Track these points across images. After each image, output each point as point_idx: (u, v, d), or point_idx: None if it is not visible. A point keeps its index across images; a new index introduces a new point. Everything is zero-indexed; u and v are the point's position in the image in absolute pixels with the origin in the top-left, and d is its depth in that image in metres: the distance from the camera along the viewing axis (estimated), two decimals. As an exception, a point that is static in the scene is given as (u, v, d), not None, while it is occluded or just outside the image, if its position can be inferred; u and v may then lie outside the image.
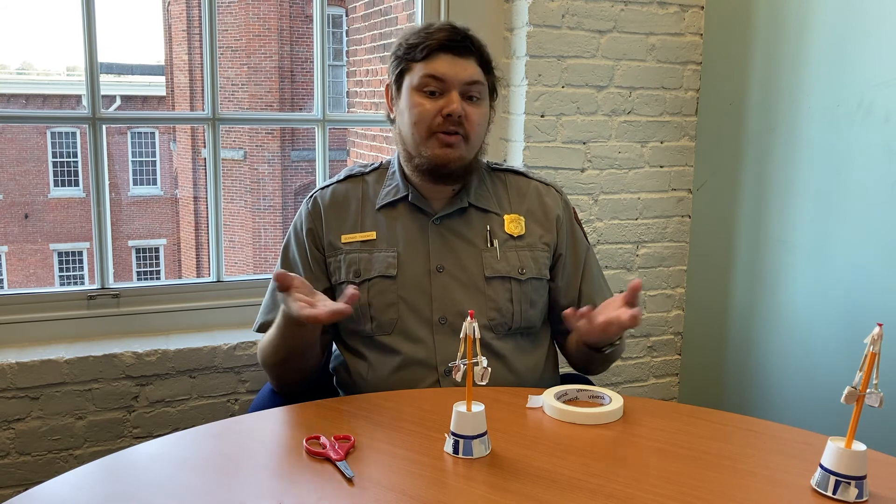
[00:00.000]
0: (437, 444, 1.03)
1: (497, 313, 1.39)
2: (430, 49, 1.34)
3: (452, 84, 1.33)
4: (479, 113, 1.37)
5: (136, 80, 16.74)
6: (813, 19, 1.81)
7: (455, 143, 1.35)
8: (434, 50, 1.34)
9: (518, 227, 1.43)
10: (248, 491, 0.92)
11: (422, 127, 1.35)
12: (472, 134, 1.36)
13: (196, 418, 1.81)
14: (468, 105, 1.35)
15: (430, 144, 1.35)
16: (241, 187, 12.85)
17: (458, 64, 1.34)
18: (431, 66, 1.34)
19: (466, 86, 1.34)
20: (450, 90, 1.33)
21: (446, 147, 1.34)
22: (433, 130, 1.34)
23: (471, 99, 1.35)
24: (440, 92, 1.34)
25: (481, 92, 1.37)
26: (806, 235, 1.85)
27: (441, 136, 1.34)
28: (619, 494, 0.92)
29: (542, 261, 1.43)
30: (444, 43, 1.34)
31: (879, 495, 0.92)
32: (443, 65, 1.33)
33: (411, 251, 1.40)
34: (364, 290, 1.38)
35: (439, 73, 1.33)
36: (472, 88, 1.35)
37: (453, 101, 1.33)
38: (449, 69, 1.33)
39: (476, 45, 1.37)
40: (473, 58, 1.36)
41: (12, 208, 15.04)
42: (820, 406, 1.83)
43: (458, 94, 1.33)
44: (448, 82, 1.33)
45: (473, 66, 1.35)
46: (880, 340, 0.87)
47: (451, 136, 1.34)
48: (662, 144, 2.14)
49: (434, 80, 1.34)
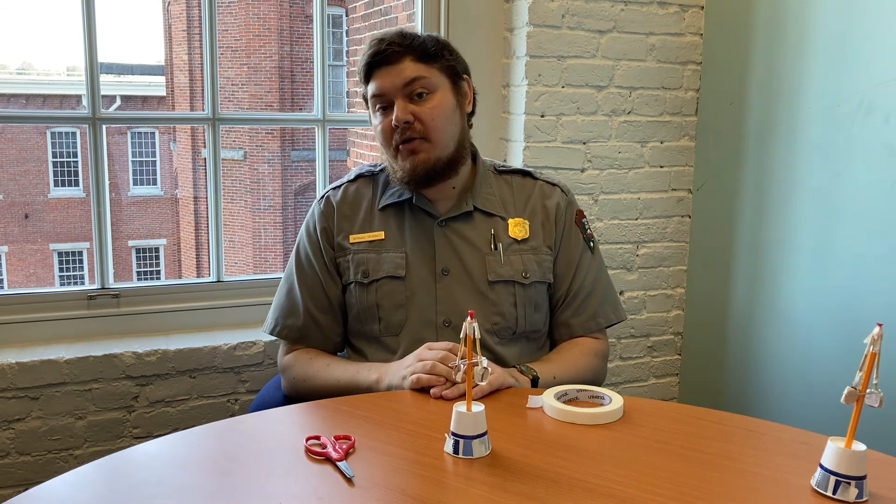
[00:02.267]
0: (437, 444, 1.03)
1: (501, 318, 1.38)
2: (367, 69, 1.36)
3: (392, 94, 1.34)
4: (430, 107, 1.34)
5: (136, 80, 16.74)
6: (813, 19, 1.81)
7: (416, 148, 1.34)
8: (370, 68, 1.35)
9: (522, 230, 1.42)
10: (248, 491, 0.92)
11: (387, 145, 1.37)
12: (430, 130, 1.34)
13: (196, 418, 1.81)
14: (416, 105, 1.34)
15: (399, 158, 1.36)
16: (241, 187, 12.85)
17: (390, 73, 1.34)
18: (373, 86, 1.36)
19: (406, 87, 1.33)
20: (393, 101, 1.34)
21: (412, 154, 1.35)
22: (395, 145, 1.35)
23: (420, 96, 1.34)
24: (388, 105, 1.35)
25: (427, 85, 1.34)
26: (806, 235, 1.85)
27: (403, 148, 1.35)
28: (619, 494, 0.92)
29: (545, 264, 1.43)
30: (373, 59, 1.34)
31: (879, 495, 0.92)
32: (379, 79, 1.35)
33: (418, 253, 1.39)
34: (373, 291, 1.38)
35: (378, 90, 1.35)
36: (414, 86, 1.33)
37: (396, 109, 1.33)
38: (385, 81, 1.34)
39: (406, 43, 1.35)
40: (407, 57, 1.34)
41: (12, 208, 15.04)
42: (820, 406, 1.83)
43: (402, 100, 1.33)
44: (388, 94, 1.34)
45: (409, 66, 1.34)
46: (880, 340, 0.86)
47: (411, 143, 1.34)
48: (662, 144, 2.13)
49: (378, 97, 1.35)
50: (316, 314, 1.42)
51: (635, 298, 2.19)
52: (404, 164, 1.35)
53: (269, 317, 1.47)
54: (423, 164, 1.34)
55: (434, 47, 1.37)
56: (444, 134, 1.36)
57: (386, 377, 1.28)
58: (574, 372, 1.38)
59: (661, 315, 2.24)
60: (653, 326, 2.23)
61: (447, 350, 1.23)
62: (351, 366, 1.36)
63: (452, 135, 1.38)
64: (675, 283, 2.23)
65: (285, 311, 1.44)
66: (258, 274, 8.16)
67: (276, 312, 1.46)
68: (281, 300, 1.46)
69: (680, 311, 2.26)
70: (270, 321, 1.46)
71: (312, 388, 1.37)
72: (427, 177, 1.36)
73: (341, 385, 1.33)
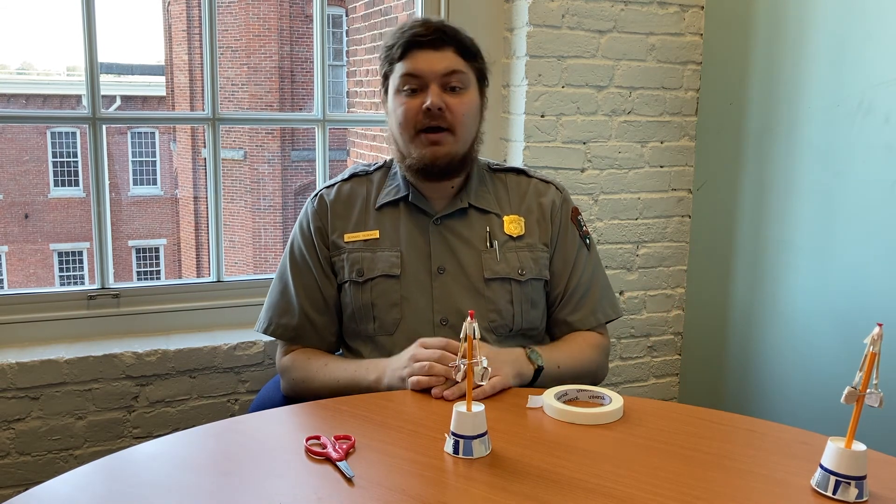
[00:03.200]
0: (437, 444, 1.03)
1: (497, 315, 1.38)
2: (404, 47, 1.33)
3: (429, 78, 1.32)
4: (462, 102, 1.34)
5: (136, 80, 16.75)
6: (813, 19, 1.81)
7: (441, 140, 1.33)
8: (408, 47, 1.33)
9: (518, 227, 1.42)
10: (248, 491, 0.92)
11: (407, 127, 1.34)
12: (458, 125, 1.34)
13: (196, 418, 1.81)
14: (449, 96, 1.33)
15: (417, 144, 1.34)
16: (241, 187, 12.85)
17: (432, 57, 1.32)
18: (407, 65, 1.33)
19: (444, 77, 1.32)
20: (428, 85, 1.32)
21: (433, 145, 1.33)
22: (418, 129, 1.34)
23: (453, 90, 1.33)
24: (420, 89, 1.33)
25: (463, 80, 1.34)
26: (806, 235, 1.85)
27: (426, 136, 1.33)
28: (619, 494, 0.92)
29: (541, 261, 1.43)
30: (416, 39, 1.32)
31: (879, 495, 0.92)
32: (418, 61, 1.32)
33: (413, 251, 1.39)
34: (367, 290, 1.38)
35: (415, 70, 1.32)
36: (452, 78, 1.33)
37: (431, 94, 1.31)
38: (424, 64, 1.32)
39: (451, 34, 1.34)
40: (450, 48, 1.34)
41: (12, 208, 15.03)
42: (820, 406, 1.83)
43: (436, 87, 1.32)
44: (424, 77, 1.32)
45: (451, 56, 1.33)
46: (880, 340, 0.86)
47: (436, 133, 1.33)
48: (662, 144, 2.13)
49: (411, 77, 1.33)
50: (311, 313, 1.42)
51: (635, 298, 2.19)
52: (423, 153, 1.34)
53: (263, 316, 1.46)
54: (445, 157, 1.34)
55: (473, 47, 1.37)
56: (468, 132, 1.37)
57: (385, 377, 1.28)
58: (578, 362, 1.38)
59: (661, 315, 2.24)
60: (653, 326, 2.23)
61: (441, 347, 1.23)
62: (349, 365, 1.36)
63: (471, 135, 1.38)
64: (675, 283, 2.23)
65: (279, 309, 1.43)
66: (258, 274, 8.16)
67: (270, 312, 1.45)
68: (275, 299, 1.45)
69: (680, 311, 2.26)
70: (264, 320, 1.45)
71: (312, 390, 1.36)
72: (443, 170, 1.35)
73: (341, 385, 1.32)
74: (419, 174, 1.37)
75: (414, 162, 1.35)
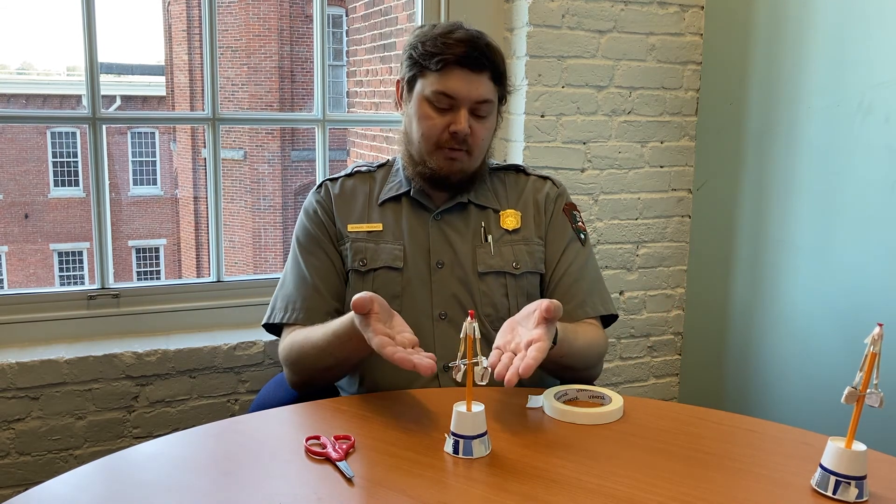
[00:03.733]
0: (437, 444, 1.03)
1: (492, 309, 1.39)
2: (447, 63, 1.33)
3: (463, 102, 1.34)
4: (485, 128, 1.38)
5: (136, 80, 16.74)
6: (813, 19, 1.81)
7: (459, 158, 1.37)
8: (450, 63, 1.33)
9: (514, 220, 1.44)
10: (248, 491, 0.92)
11: (429, 141, 1.37)
12: (476, 148, 1.38)
13: (196, 418, 1.81)
14: (475, 121, 1.36)
15: (436, 157, 1.37)
16: (241, 187, 12.85)
17: (471, 81, 1.34)
18: (444, 83, 1.33)
19: (476, 104, 1.35)
20: (459, 107, 1.34)
21: (450, 160, 1.37)
22: (440, 145, 1.37)
23: (479, 116, 1.36)
24: (450, 108, 1.35)
25: (490, 109, 1.38)
26: (806, 235, 1.85)
27: (445, 152, 1.37)
28: (619, 494, 0.92)
29: (537, 255, 1.44)
30: (460, 58, 1.33)
31: (879, 495, 0.92)
32: (456, 82, 1.33)
33: (415, 246, 1.41)
34: (369, 280, 1.39)
35: (451, 91, 1.33)
36: (482, 107, 1.36)
37: (461, 120, 1.34)
38: (461, 87, 1.33)
39: (491, 58, 1.36)
40: (487, 72, 1.35)
41: (12, 208, 15.03)
42: (820, 406, 1.83)
43: (466, 111, 1.34)
44: (459, 100, 1.34)
45: (486, 83, 1.35)
46: (880, 340, 0.87)
47: (456, 152, 1.37)
48: (662, 144, 2.13)
49: (446, 97, 1.34)
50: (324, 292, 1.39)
51: (635, 298, 2.19)
52: (440, 165, 1.37)
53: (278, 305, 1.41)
54: (459, 173, 1.39)
55: (505, 72, 1.40)
56: (483, 152, 1.42)
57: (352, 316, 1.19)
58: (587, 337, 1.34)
59: (661, 315, 2.24)
60: (653, 326, 2.23)
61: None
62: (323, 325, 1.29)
63: (485, 152, 1.43)
64: (675, 283, 2.23)
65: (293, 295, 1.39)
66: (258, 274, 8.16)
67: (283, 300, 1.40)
68: (287, 289, 1.41)
69: (680, 311, 2.26)
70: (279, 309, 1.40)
71: (308, 367, 1.32)
72: (455, 184, 1.40)
73: (324, 346, 1.26)
74: (429, 182, 1.41)
75: (428, 171, 1.39)
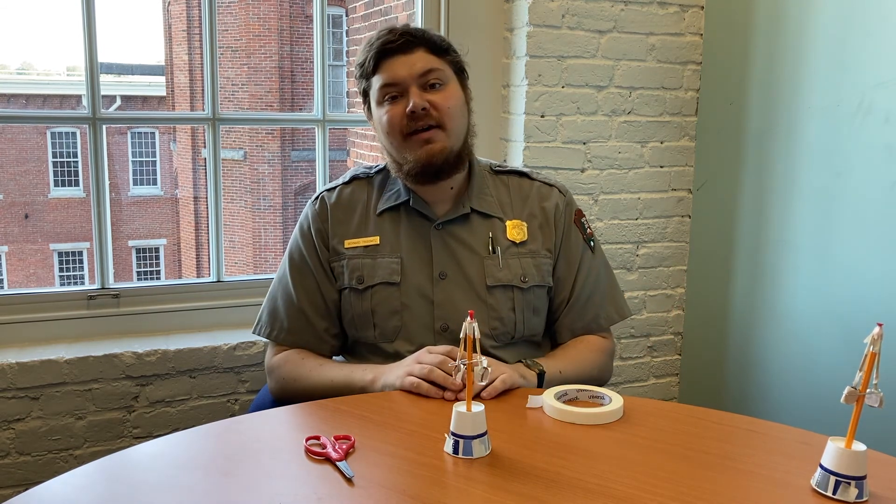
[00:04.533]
0: (437, 444, 1.03)
1: (499, 322, 1.37)
2: (376, 58, 1.34)
3: (407, 82, 1.32)
4: (445, 96, 1.34)
5: (136, 80, 16.74)
6: (813, 19, 1.81)
7: (432, 137, 1.32)
8: (379, 58, 1.33)
9: (521, 233, 1.41)
10: (248, 491, 0.92)
11: (395, 133, 1.34)
12: (446, 119, 1.33)
13: (196, 418, 1.81)
14: (431, 94, 1.33)
15: (411, 147, 1.33)
16: (241, 187, 12.85)
17: (405, 62, 1.33)
18: (383, 75, 1.33)
19: (421, 77, 1.32)
20: (407, 89, 1.32)
21: (426, 144, 1.32)
22: (406, 133, 1.33)
23: (432, 87, 1.33)
24: (400, 95, 1.33)
25: (441, 77, 1.34)
26: (806, 235, 1.85)
27: (416, 137, 1.32)
28: (619, 494, 0.92)
29: (544, 267, 1.41)
30: (385, 48, 1.33)
31: (879, 495, 0.92)
32: (392, 68, 1.33)
33: (414, 257, 1.38)
34: (367, 297, 1.37)
35: (392, 78, 1.33)
36: (430, 77, 1.33)
37: (412, 95, 1.31)
38: (399, 69, 1.32)
39: (418, 35, 1.35)
40: (421, 48, 1.34)
41: (12, 208, 15.03)
42: (820, 406, 1.83)
43: (416, 88, 1.32)
44: (403, 83, 1.32)
45: (423, 56, 1.33)
46: (880, 340, 0.86)
47: (426, 132, 1.32)
48: (662, 144, 2.13)
49: (390, 86, 1.33)
50: (311, 316, 1.40)
51: (635, 298, 2.19)
52: (417, 154, 1.32)
53: (264, 319, 1.44)
54: (441, 154, 1.33)
55: (443, 42, 1.37)
56: (458, 125, 1.36)
57: (381, 377, 1.27)
58: (580, 368, 1.38)
59: (661, 315, 2.24)
60: (653, 326, 2.23)
61: (445, 354, 1.22)
62: (345, 366, 1.35)
63: (462, 128, 1.37)
64: (675, 283, 2.23)
65: (280, 312, 1.42)
66: (258, 274, 8.16)
67: (270, 315, 1.43)
68: (275, 302, 1.43)
69: (680, 311, 2.26)
70: (266, 324, 1.43)
71: (302, 389, 1.34)
72: (440, 168, 1.34)
73: (335, 385, 1.31)
74: (418, 178, 1.35)
75: (411, 166, 1.34)
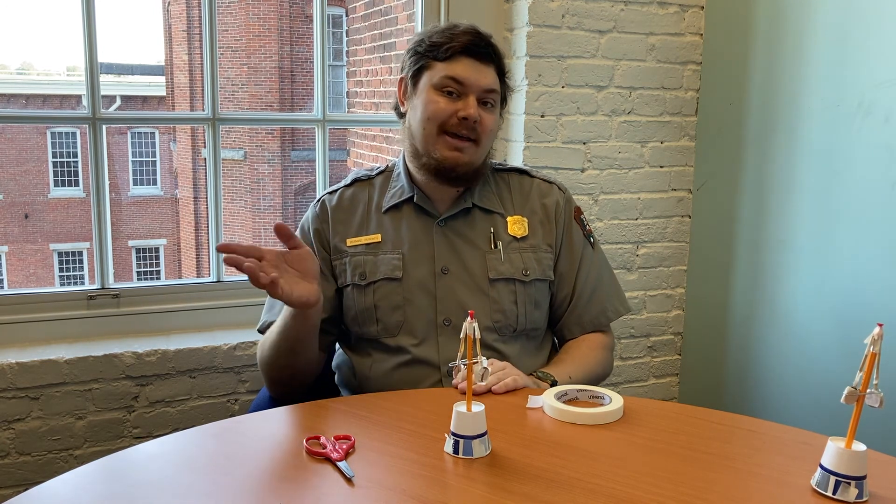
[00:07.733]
0: (437, 444, 1.03)
1: (501, 315, 1.39)
2: (454, 51, 1.35)
3: (472, 88, 1.34)
4: (492, 119, 1.38)
5: (136, 80, 16.74)
6: (813, 19, 1.81)
7: (465, 148, 1.35)
8: (457, 52, 1.35)
9: (521, 228, 1.43)
10: (248, 491, 0.92)
11: (434, 123, 1.35)
12: (484, 138, 1.37)
13: (196, 418, 1.81)
14: (483, 111, 1.36)
15: (440, 145, 1.35)
16: (241, 187, 12.85)
17: (479, 69, 1.35)
18: (453, 68, 1.34)
19: (484, 92, 1.35)
20: (468, 94, 1.34)
21: (455, 151, 1.35)
22: (445, 129, 1.35)
23: (486, 105, 1.36)
24: (458, 94, 1.35)
25: (495, 99, 1.38)
26: (806, 235, 1.85)
27: (451, 140, 1.34)
28: (619, 494, 0.92)
29: (545, 262, 1.43)
30: (468, 46, 1.35)
31: (879, 495, 0.92)
32: (464, 68, 1.34)
33: (416, 253, 1.40)
34: (370, 293, 1.38)
35: (460, 77, 1.34)
36: (489, 96, 1.36)
37: (471, 105, 1.34)
38: (470, 73, 1.34)
39: (497, 53, 1.38)
40: (493, 65, 1.37)
41: (12, 208, 15.03)
42: (820, 406, 1.83)
43: (474, 99, 1.34)
44: (468, 86, 1.34)
45: (493, 74, 1.37)
46: (880, 340, 0.87)
47: (463, 141, 1.35)
48: (662, 144, 2.13)
49: (454, 82, 1.34)
50: None
51: (635, 298, 2.19)
52: (445, 155, 1.35)
53: (262, 315, 1.46)
54: (466, 165, 1.36)
55: (506, 68, 1.42)
56: (488, 147, 1.41)
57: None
58: (587, 368, 1.41)
59: (661, 315, 2.24)
60: (653, 326, 2.23)
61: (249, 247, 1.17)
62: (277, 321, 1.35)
63: (488, 149, 1.42)
64: (675, 283, 2.23)
65: (276, 307, 1.42)
66: (258, 274, 8.12)
67: (268, 311, 1.44)
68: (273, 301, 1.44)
69: (680, 311, 2.26)
70: (263, 319, 1.45)
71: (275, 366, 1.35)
72: (460, 177, 1.37)
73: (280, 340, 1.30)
74: (433, 174, 1.37)
75: (433, 162, 1.36)
